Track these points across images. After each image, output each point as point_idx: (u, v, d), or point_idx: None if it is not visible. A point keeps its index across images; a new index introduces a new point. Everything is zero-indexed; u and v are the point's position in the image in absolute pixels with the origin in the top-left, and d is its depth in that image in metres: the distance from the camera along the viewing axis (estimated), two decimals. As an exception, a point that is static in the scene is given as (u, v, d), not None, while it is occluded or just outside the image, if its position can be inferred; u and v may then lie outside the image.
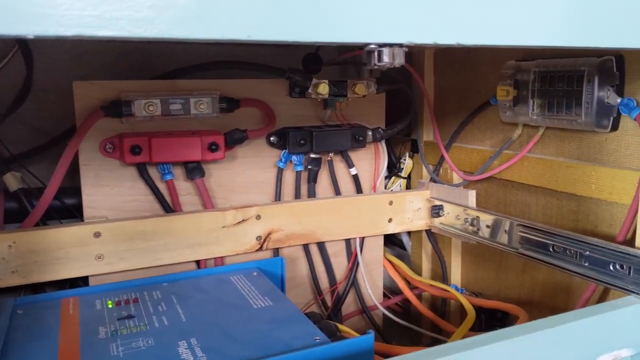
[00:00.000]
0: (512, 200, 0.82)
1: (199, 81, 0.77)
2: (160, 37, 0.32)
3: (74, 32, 0.31)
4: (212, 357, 0.50)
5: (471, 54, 0.86)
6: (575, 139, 0.71)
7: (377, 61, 0.38)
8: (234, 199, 0.81)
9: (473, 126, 0.87)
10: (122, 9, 0.31)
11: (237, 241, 0.77)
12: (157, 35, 0.32)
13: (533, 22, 0.44)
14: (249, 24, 0.33)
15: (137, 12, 0.32)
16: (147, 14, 0.32)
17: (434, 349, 0.46)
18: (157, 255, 0.73)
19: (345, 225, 0.85)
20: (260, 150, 0.82)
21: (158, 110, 0.73)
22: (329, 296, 0.89)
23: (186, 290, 0.68)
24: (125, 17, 0.32)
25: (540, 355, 0.50)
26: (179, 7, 0.32)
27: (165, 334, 0.56)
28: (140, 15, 0.32)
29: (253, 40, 0.33)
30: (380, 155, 0.90)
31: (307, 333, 0.56)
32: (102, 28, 0.31)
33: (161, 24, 0.32)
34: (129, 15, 0.32)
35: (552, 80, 0.70)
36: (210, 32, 0.33)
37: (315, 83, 0.78)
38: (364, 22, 0.36)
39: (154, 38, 0.32)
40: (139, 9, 0.32)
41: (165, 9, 0.32)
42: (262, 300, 0.64)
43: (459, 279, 0.94)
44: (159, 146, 0.72)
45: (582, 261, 0.63)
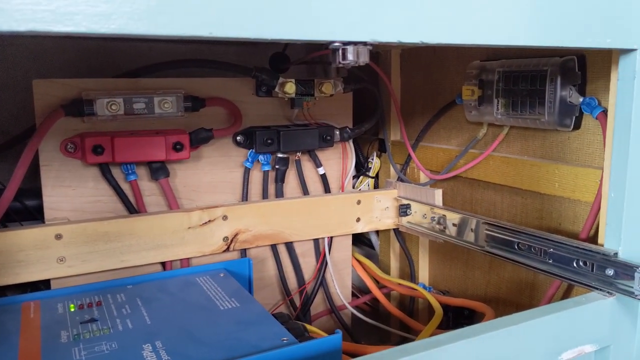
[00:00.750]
0: (478, 198, 0.83)
1: (163, 80, 0.76)
2: (118, 33, 0.31)
3: (28, 27, 0.30)
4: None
5: (437, 54, 0.86)
6: (539, 138, 0.72)
7: (342, 59, 0.38)
8: (200, 200, 0.80)
9: (439, 125, 0.87)
10: (78, 3, 0.31)
11: (203, 242, 0.76)
12: (115, 31, 0.31)
13: (496, 21, 0.45)
14: (210, 21, 0.32)
15: (94, 7, 0.31)
16: (104, 9, 0.31)
17: (400, 348, 0.46)
18: (121, 257, 0.71)
19: (314, 225, 0.85)
20: (227, 150, 0.81)
21: (121, 110, 0.71)
22: (298, 296, 0.89)
23: (151, 292, 0.66)
24: (81, 12, 0.31)
25: (505, 352, 0.51)
26: (138, 3, 0.31)
27: (129, 338, 0.54)
28: (97, 10, 0.31)
29: (215, 37, 0.32)
30: (348, 154, 0.90)
31: (275, 334, 0.55)
32: (57, 23, 0.30)
33: (119, 20, 0.31)
34: (85, 10, 0.31)
35: (516, 80, 0.71)
36: (170, 29, 0.32)
37: (282, 82, 0.78)
38: (327, 20, 0.36)
39: (111, 34, 0.31)
40: (96, 4, 0.31)
41: (122, 4, 0.31)
42: (229, 301, 0.63)
43: (427, 278, 0.95)
44: (122, 146, 0.70)
45: (546, 258, 0.64)
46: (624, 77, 0.55)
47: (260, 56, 0.94)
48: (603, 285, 0.57)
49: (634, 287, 0.54)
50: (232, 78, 0.80)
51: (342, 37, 0.36)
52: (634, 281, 0.54)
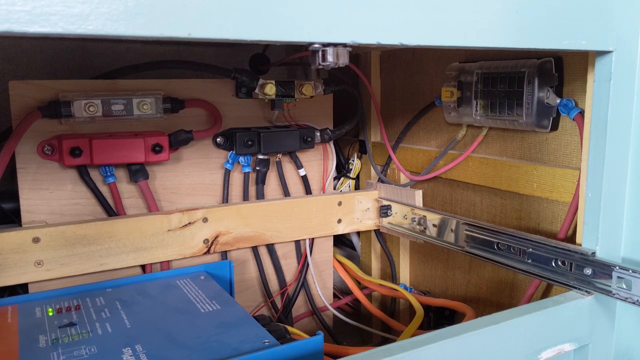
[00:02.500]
0: (458, 199, 0.83)
1: (142, 81, 0.75)
2: (95, 34, 0.31)
3: (3, 28, 0.29)
4: (157, 365, 0.49)
5: (416, 56, 0.87)
6: (517, 139, 0.73)
7: (322, 61, 0.38)
8: (180, 202, 0.79)
9: (419, 127, 0.88)
10: (55, 4, 0.30)
11: (183, 245, 0.75)
12: (92, 32, 0.31)
13: (474, 23, 0.45)
14: (189, 22, 0.32)
15: (71, 7, 0.31)
16: (81, 10, 0.31)
17: (381, 349, 0.46)
18: (100, 261, 0.70)
19: (295, 226, 0.85)
20: (207, 152, 0.80)
21: (99, 111, 0.71)
22: (279, 298, 0.89)
23: (131, 295, 0.65)
24: (57, 13, 0.30)
25: (485, 351, 0.51)
26: (116, 3, 0.31)
27: (109, 341, 0.54)
28: (74, 11, 0.31)
29: (193, 38, 0.32)
30: (328, 156, 0.90)
31: (256, 336, 0.55)
32: (33, 24, 0.30)
33: (96, 21, 0.31)
34: (61, 10, 0.30)
35: (495, 82, 0.72)
36: (148, 30, 0.32)
37: (261, 83, 0.77)
38: (307, 22, 0.36)
39: (89, 35, 0.31)
40: (73, 5, 0.30)
41: (100, 5, 0.31)
42: (209, 304, 0.63)
43: (408, 278, 0.96)
44: (100, 148, 0.69)
45: (525, 258, 0.65)
46: (600, 79, 0.56)
47: (240, 57, 0.94)
48: (581, 285, 0.58)
49: (611, 286, 0.55)
50: (211, 79, 0.80)
51: (322, 38, 0.36)
52: (611, 280, 0.55)
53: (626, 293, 0.54)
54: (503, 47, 0.47)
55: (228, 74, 0.77)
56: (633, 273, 0.53)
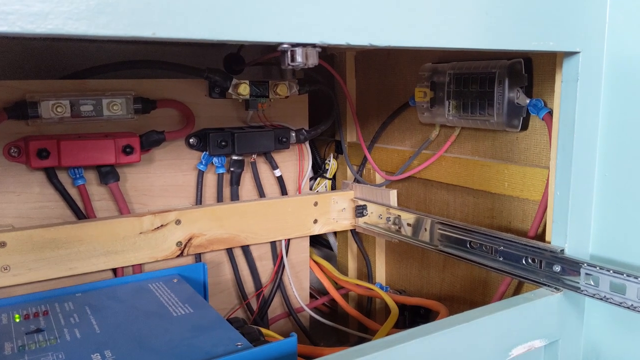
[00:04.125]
0: (432, 198, 0.84)
1: (112, 81, 0.74)
2: (55, 34, 0.30)
3: (-43, 26, 0.28)
4: (127, 370, 0.48)
5: (391, 57, 0.87)
6: (489, 139, 0.74)
7: (291, 61, 0.38)
8: (153, 204, 0.78)
9: (393, 127, 0.88)
10: (13, 2, 0.29)
11: (155, 247, 0.74)
12: (52, 31, 0.30)
13: (444, 24, 0.45)
14: (154, 21, 0.32)
15: (29, 6, 0.30)
16: (40, 8, 0.30)
17: (354, 349, 0.46)
18: (69, 265, 0.69)
19: (270, 227, 0.84)
20: (180, 153, 0.80)
21: (67, 112, 0.69)
22: (255, 300, 0.88)
23: (101, 300, 0.64)
24: (15, 12, 0.29)
25: (458, 349, 0.52)
26: (76, 2, 0.30)
27: (77, 348, 0.53)
28: (33, 9, 0.30)
29: (158, 37, 0.32)
30: (304, 156, 0.90)
31: (229, 339, 0.55)
32: (-11, 23, 0.29)
33: (56, 20, 0.30)
34: (19, 9, 0.30)
35: (466, 82, 0.72)
36: (111, 29, 0.31)
37: (235, 83, 0.77)
38: (275, 22, 0.36)
39: (48, 34, 0.30)
40: (31, 3, 0.30)
41: (60, 3, 0.30)
42: (182, 307, 0.62)
43: (384, 277, 0.96)
44: (69, 149, 0.68)
45: (496, 256, 0.66)
46: (567, 79, 0.57)
47: (214, 57, 0.93)
48: (551, 282, 0.59)
49: (579, 282, 0.56)
50: (184, 79, 0.79)
51: (290, 38, 0.36)
52: (579, 277, 0.56)
53: (594, 289, 0.55)
54: (473, 48, 0.48)
55: (201, 74, 0.77)
56: (600, 270, 0.54)
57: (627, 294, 0.52)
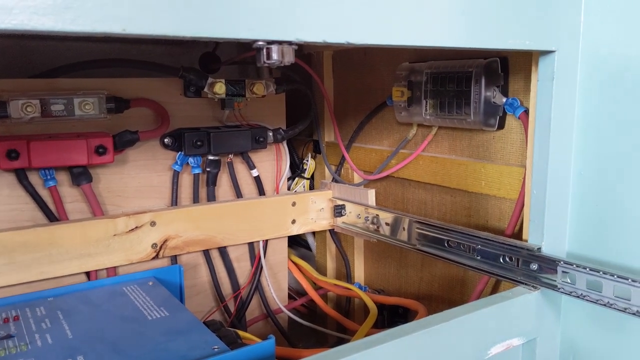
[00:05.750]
0: (410, 198, 0.84)
1: (84, 80, 0.72)
2: (20, 29, 0.29)
3: None
4: (99, 376, 0.47)
5: (368, 56, 0.87)
6: (466, 138, 0.74)
7: (266, 59, 0.37)
8: (127, 205, 0.77)
9: (371, 126, 0.88)
10: (-26, -4, 0.28)
11: (130, 250, 0.73)
12: (17, 27, 0.29)
13: (421, 23, 0.45)
14: (123, 16, 0.31)
15: (-8, 0, 0.29)
16: (4, 3, 0.29)
17: (331, 351, 0.46)
18: (41, 269, 0.67)
19: (248, 228, 0.83)
20: (154, 153, 0.78)
21: (37, 111, 0.67)
22: (233, 302, 0.87)
23: (74, 304, 0.63)
24: (-24, 6, 0.28)
25: (436, 349, 0.51)
26: (42, -4, 0.29)
27: (49, 354, 0.51)
28: (-4, 4, 0.29)
29: (128, 33, 0.31)
30: (282, 156, 0.89)
31: (206, 343, 0.54)
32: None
33: (21, 15, 0.29)
34: (-19, 3, 0.28)
35: (443, 81, 0.72)
36: (78, 25, 0.30)
37: (211, 82, 0.76)
38: (250, 19, 0.35)
39: (13, 30, 0.29)
40: (-6, -3, 0.29)
41: (25, -2, 0.29)
42: (157, 311, 0.61)
43: (363, 277, 0.96)
44: (39, 150, 0.66)
45: (474, 255, 0.66)
46: (543, 78, 0.57)
47: (191, 56, 0.92)
48: (528, 280, 0.59)
49: (556, 280, 0.56)
50: (158, 78, 0.78)
51: (266, 36, 0.35)
52: (556, 275, 0.56)
53: (571, 287, 0.55)
54: (449, 46, 0.48)
55: (175, 73, 0.75)
56: (577, 268, 0.54)
57: (603, 291, 0.52)
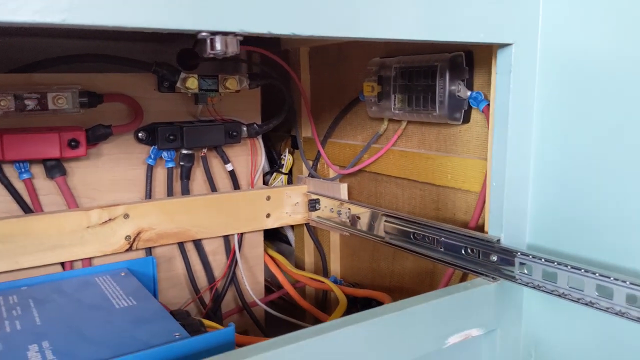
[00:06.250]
0: (382, 192, 0.85)
1: (58, 75, 0.73)
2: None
3: None
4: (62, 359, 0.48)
5: (342, 52, 0.88)
6: (434, 132, 0.75)
7: (211, 49, 0.38)
8: (102, 199, 0.78)
9: (345, 122, 0.89)
10: None
11: (104, 241, 0.74)
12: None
13: (373, 13, 0.46)
14: (63, 7, 0.32)
15: None
16: None
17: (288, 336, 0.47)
18: (15, 259, 0.69)
19: (222, 222, 0.85)
20: (128, 147, 0.80)
21: (11, 106, 0.69)
22: (208, 294, 0.89)
23: (46, 293, 0.64)
24: None
25: (393, 336, 0.53)
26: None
27: (16, 339, 0.53)
28: None
29: (68, 24, 0.32)
30: (257, 151, 0.91)
31: (169, 330, 0.55)
32: None
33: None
34: None
35: (411, 76, 0.74)
36: (20, 15, 0.31)
37: (184, 77, 0.77)
38: (193, 10, 0.36)
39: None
40: None
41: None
42: (125, 300, 0.62)
43: (339, 271, 0.97)
44: (12, 143, 0.67)
45: (438, 247, 0.67)
46: (501, 71, 0.58)
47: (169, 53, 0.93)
48: (488, 271, 0.60)
49: (514, 271, 0.57)
50: (132, 74, 0.79)
51: (209, 27, 0.37)
52: (514, 266, 0.57)
53: (528, 278, 0.56)
54: (404, 39, 0.48)
55: (148, 68, 0.77)
56: (533, 259, 0.55)
57: (558, 282, 0.53)
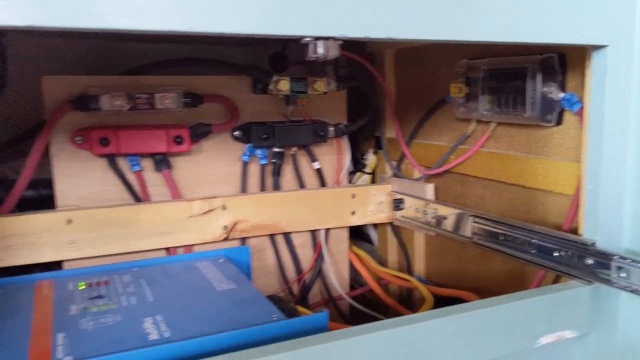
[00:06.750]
0: (469, 193, 0.85)
1: (164, 77, 0.80)
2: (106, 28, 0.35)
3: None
4: (175, 332, 0.53)
5: (428, 54, 0.89)
6: (524, 134, 0.75)
7: (313, 53, 0.41)
8: (201, 191, 0.84)
9: (430, 123, 0.90)
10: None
11: (203, 230, 0.80)
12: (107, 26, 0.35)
13: (468, 17, 0.47)
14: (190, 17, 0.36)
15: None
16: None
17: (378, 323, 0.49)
18: (127, 242, 0.76)
19: (309, 217, 0.88)
20: (225, 144, 0.85)
21: (124, 105, 0.76)
22: (296, 285, 0.92)
23: (154, 274, 0.70)
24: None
25: (483, 331, 0.53)
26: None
27: (133, 312, 0.59)
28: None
29: (195, 32, 0.36)
30: (342, 150, 0.94)
31: (266, 312, 0.59)
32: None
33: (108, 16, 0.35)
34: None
35: (500, 77, 0.74)
36: (152, 24, 0.36)
37: (276, 80, 0.82)
38: (299, 17, 0.40)
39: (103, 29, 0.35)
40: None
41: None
42: (225, 283, 0.67)
43: (423, 271, 0.98)
44: (126, 138, 0.75)
45: (529, 249, 0.67)
46: (596, 73, 0.57)
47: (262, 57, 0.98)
48: (582, 274, 0.59)
49: (611, 275, 0.56)
50: (229, 76, 0.84)
51: (312, 32, 0.40)
52: (611, 270, 0.56)
53: (626, 282, 0.54)
54: (498, 41, 0.49)
55: (244, 71, 0.82)
56: (632, 262, 0.54)
57: (659, 286, 0.52)
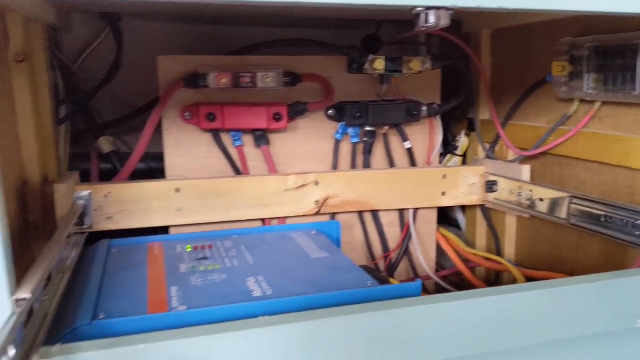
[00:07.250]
0: (567, 176, 0.83)
1: (266, 57, 0.84)
2: None
3: None
4: (276, 291, 0.57)
5: (526, 34, 0.88)
6: (632, 113, 0.72)
7: (425, 22, 0.43)
8: (295, 167, 0.88)
9: (528, 104, 0.88)
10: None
11: (297, 204, 0.84)
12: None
13: None
14: None
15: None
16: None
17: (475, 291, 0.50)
18: (228, 212, 0.81)
19: (399, 196, 0.90)
20: (320, 123, 0.88)
21: (229, 83, 0.81)
22: (383, 263, 0.94)
23: (253, 241, 0.75)
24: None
25: (583, 307, 0.53)
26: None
27: (236, 272, 0.63)
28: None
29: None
30: (435, 130, 0.94)
31: (360, 279, 0.61)
32: None
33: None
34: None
35: (607, 55, 0.71)
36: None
37: (371, 59, 0.83)
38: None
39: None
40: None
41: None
42: (319, 252, 0.70)
43: (513, 255, 0.96)
44: (231, 114, 0.80)
45: (634, 230, 0.65)
46: None
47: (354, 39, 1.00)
48: (692, 257, 0.57)
49: None
50: (325, 56, 0.87)
51: (425, 2, 0.42)
52: None
53: None
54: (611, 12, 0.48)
55: (341, 51, 0.84)
56: None
57: None
